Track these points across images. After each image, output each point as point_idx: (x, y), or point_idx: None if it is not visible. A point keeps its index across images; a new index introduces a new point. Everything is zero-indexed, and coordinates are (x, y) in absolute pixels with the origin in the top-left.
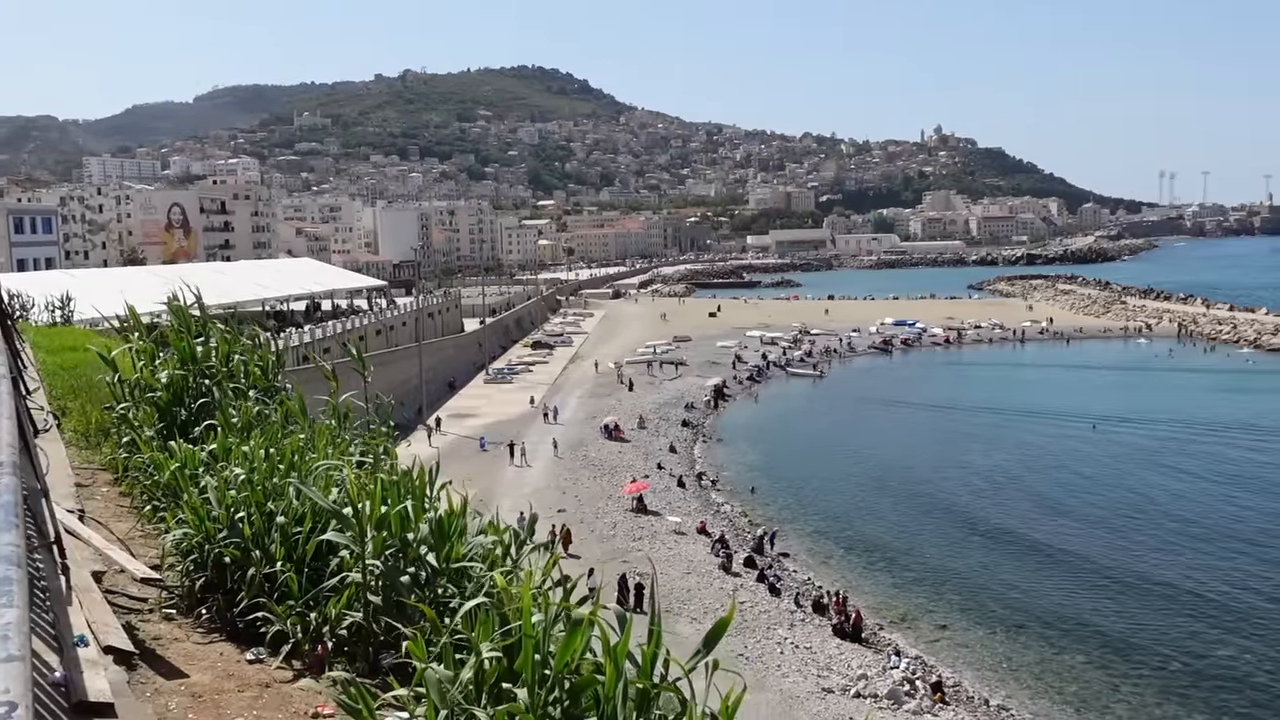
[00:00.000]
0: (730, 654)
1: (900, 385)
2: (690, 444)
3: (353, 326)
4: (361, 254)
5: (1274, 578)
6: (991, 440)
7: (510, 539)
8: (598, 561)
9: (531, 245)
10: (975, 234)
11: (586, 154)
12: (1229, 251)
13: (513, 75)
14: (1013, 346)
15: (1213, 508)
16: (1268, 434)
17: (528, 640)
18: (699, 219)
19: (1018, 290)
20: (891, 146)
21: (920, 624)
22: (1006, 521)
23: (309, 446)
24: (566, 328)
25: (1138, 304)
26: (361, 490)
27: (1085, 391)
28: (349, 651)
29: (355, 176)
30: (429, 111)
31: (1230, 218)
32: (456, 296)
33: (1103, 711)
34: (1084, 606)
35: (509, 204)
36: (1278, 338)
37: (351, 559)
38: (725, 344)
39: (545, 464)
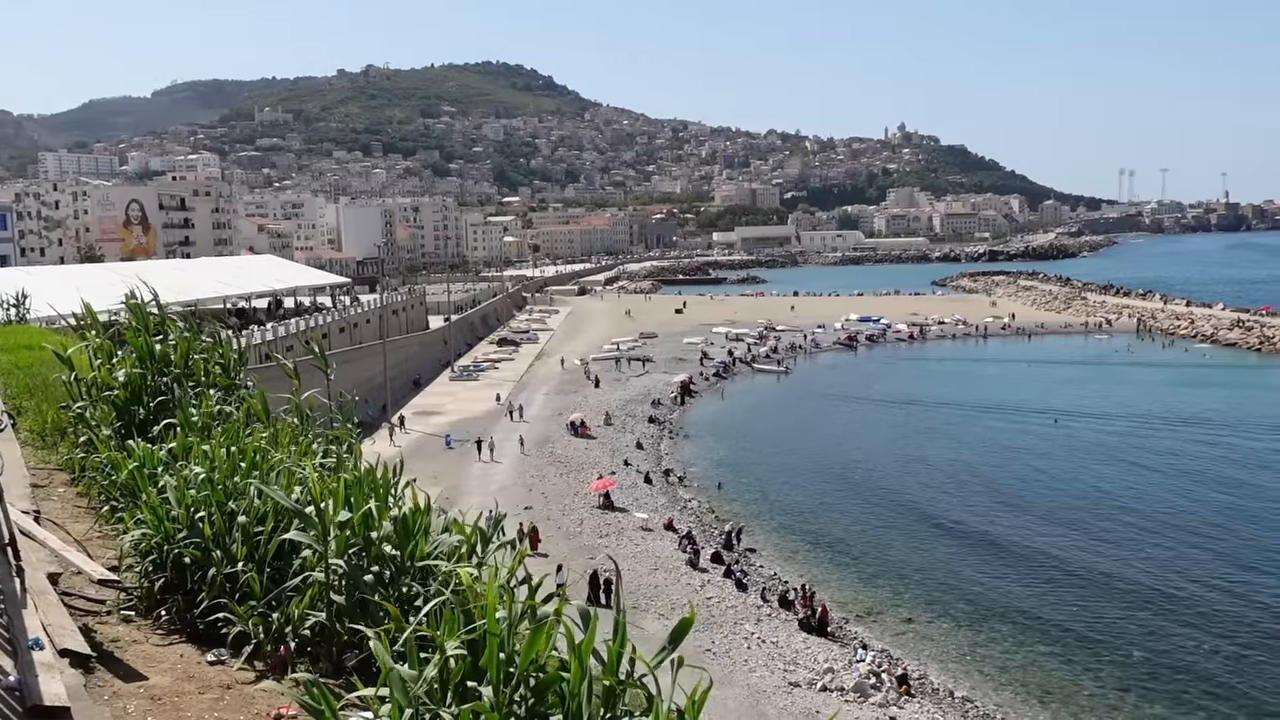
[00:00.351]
0: (697, 649)
1: (865, 381)
2: (657, 440)
3: (316, 324)
4: (325, 251)
5: (1228, 569)
6: (955, 435)
7: (475, 536)
8: (565, 558)
9: (497, 242)
10: (939, 231)
11: (552, 150)
12: (1186, 248)
13: (477, 71)
14: (975, 342)
15: (1170, 501)
16: (1222, 428)
17: (492, 638)
18: (665, 216)
19: (980, 287)
20: (856, 143)
21: (886, 617)
22: (970, 516)
23: (271, 445)
24: (532, 325)
25: (1098, 300)
26: (324, 489)
27: (1046, 386)
28: (312, 652)
29: (318, 173)
30: (392, 107)
31: (1188, 215)
32: (421, 294)
33: (1065, 701)
34: (1046, 599)
35: (474, 200)
36: (1233, 333)
37: (314, 558)
38: (691, 340)
39: (512, 461)
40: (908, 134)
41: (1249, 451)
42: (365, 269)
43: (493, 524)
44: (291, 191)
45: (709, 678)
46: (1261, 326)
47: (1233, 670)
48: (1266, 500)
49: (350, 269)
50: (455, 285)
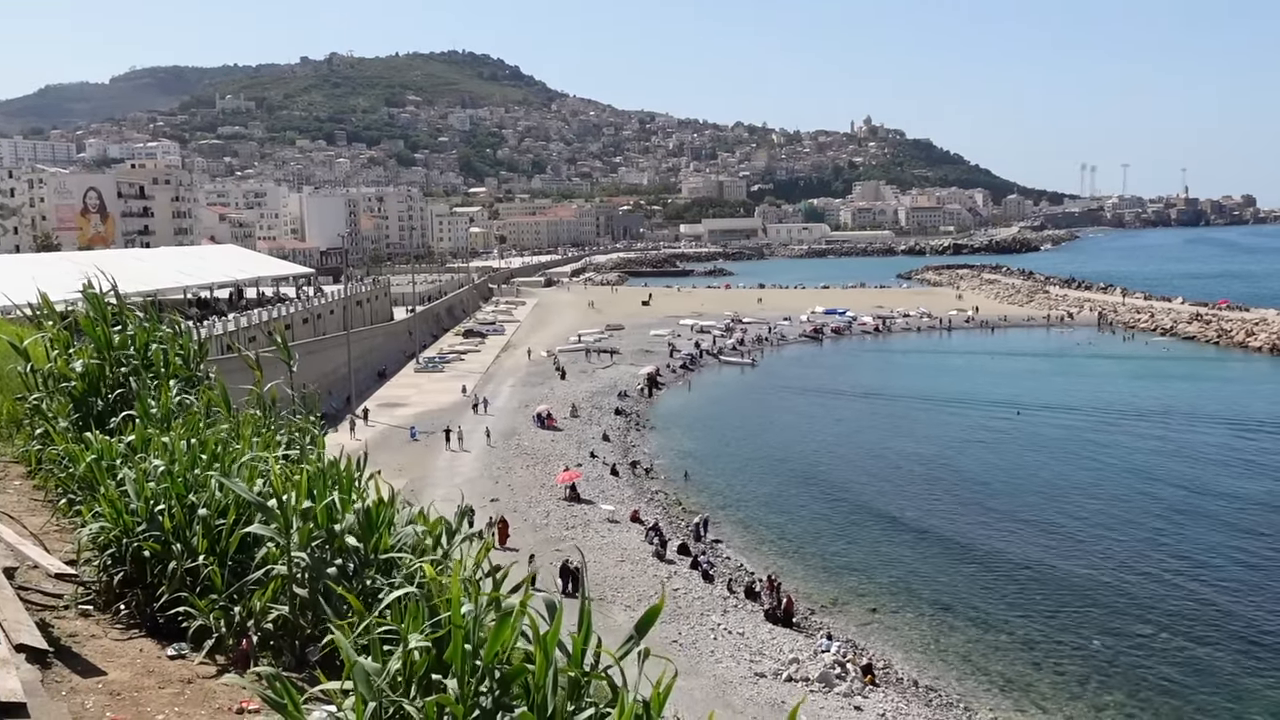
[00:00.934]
0: (664, 641)
1: (831, 373)
2: (623, 432)
3: (279, 315)
4: (288, 241)
5: (1183, 561)
6: (919, 427)
7: (441, 529)
8: (532, 550)
9: (463, 233)
10: (904, 224)
11: (518, 141)
12: (1147, 242)
13: (442, 60)
14: (940, 335)
15: (1129, 494)
16: (1179, 421)
17: (456, 631)
18: (632, 207)
19: (945, 280)
20: (822, 137)
21: (851, 608)
22: (934, 508)
23: (232, 437)
24: (499, 316)
25: (1060, 293)
26: (287, 481)
27: (1009, 379)
28: (275, 645)
29: (280, 161)
30: (356, 96)
31: (1148, 209)
32: (386, 284)
33: (1026, 689)
34: (1009, 590)
35: (439, 191)
36: (1192, 326)
37: (277, 551)
38: (658, 332)
39: (478, 453)
40: (874, 128)
41: (1205, 445)
42: (329, 259)
43: (459, 516)
44: (254, 180)
45: (674, 668)
46: (1219, 320)
47: (1187, 658)
48: (1221, 494)
49: (314, 259)
50: (421, 276)
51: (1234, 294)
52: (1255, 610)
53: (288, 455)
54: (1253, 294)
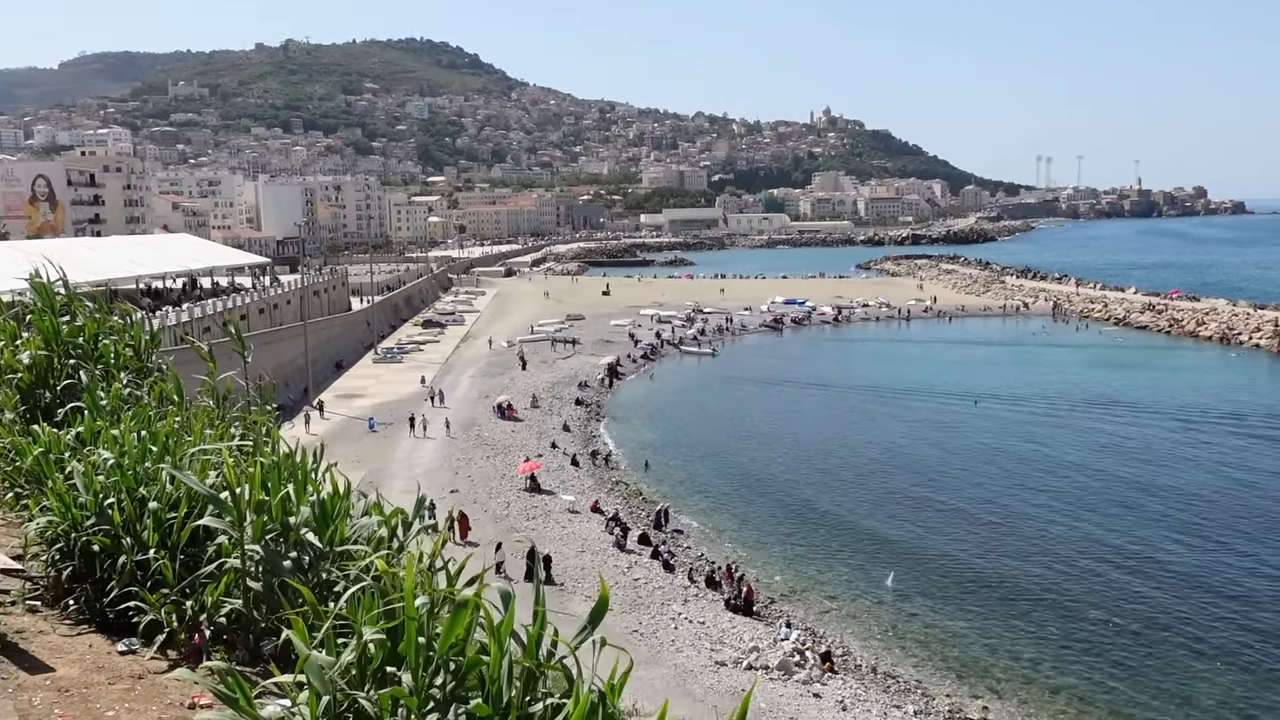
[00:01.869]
0: (625, 630)
1: (790, 363)
2: (584, 422)
3: (234, 305)
4: (243, 230)
5: (1137, 547)
6: (877, 416)
7: (397, 520)
8: (492, 541)
9: (421, 222)
10: (863, 214)
11: (478, 130)
12: (1101, 233)
13: (400, 47)
14: (898, 325)
15: (1082, 482)
16: (1130, 409)
17: (410, 623)
18: (592, 197)
19: (904, 270)
20: (782, 127)
21: (810, 596)
22: (892, 496)
23: (184, 429)
24: (458, 306)
25: (1016, 283)
26: (240, 473)
27: (967, 367)
28: (228, 639)
29: (235, 149)
30: (312, 83)
31: (1102, 200)
32: (343, 274)
33: (982, 674)
34: (964, 575)
35: (398, 180)
36: (1144, 316)
37: (230, 544)
38: (619, 322)
39: (437, 444)
40: (833, 118)
41: (1156, 435)
42: (285, 249)
43: (415, 508)
44: (208, 168)
45: (629, 658)
46: (1171, 310)
47: (1138, 643)
48: (1170, 483)
49: (270, 249)
50: (379, 266)
51: (1185, 284)
52: (1204, 595)
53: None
54: (1203, 284)
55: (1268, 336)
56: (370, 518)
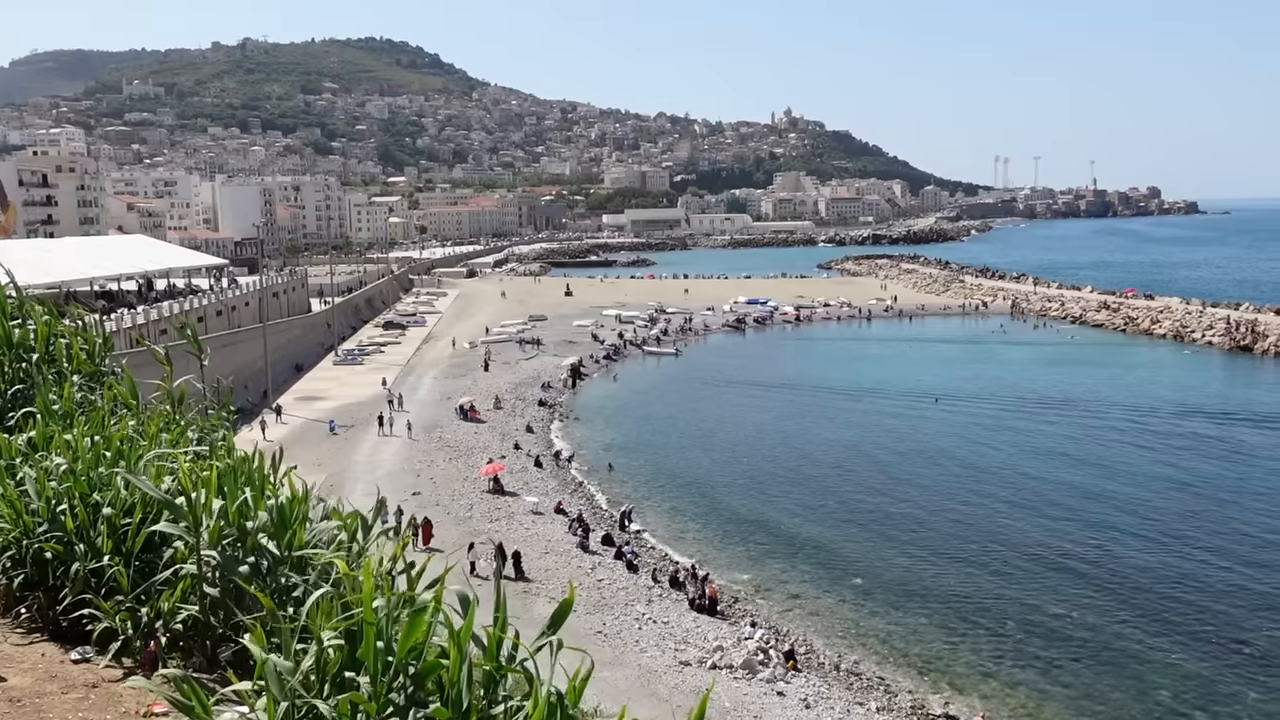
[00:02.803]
0: (589, 632)
1: (753, 362)
2: (547, 423)
3: (191, 307)
4: (200, 231)
5: (1094, 541)
6: (839, 415)
7: (356, 524)
8: (455, 545)
9: (382, 223)
10: (824, 214)
11: (439, 130)
12: (1058, 233)
13: (359, 47)
14: (859, 324)
15: (1040, 478)
16: (1088, 406)
17: (369, 627)
18: (554, 197)
19: (864, 270)
20: (743, 127)
21: (774, 594)
22: (854, 494)
23: (139, 434)
24: (419, 307)
25: (975, 282)
26: (196, 478)
27: (928, 366)
28: (184, 646)
29: (192, 149)
30: (271, 82)
31: (1059, 201)
32: (303, 275)
33: (944, 670)
34: (925, 572)
35: (358, 180)
36: (1100, 314)
37: (186, 550)
38: (581, 323)
39: (399, 446)
40: (794, 119)
41: (1113, 430)
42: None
43: (375, 510)
44: (164, 169)
45: (590, 660)
46: (1126, 308)
47: (1096, 636)
48: (1126, 478)
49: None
50: (339, 267)
51: (1140, 283)
52: (1158, 589)
53: (198, 451)
54: (1157, 282)
55: (1220, 334)
56: (330, 522)
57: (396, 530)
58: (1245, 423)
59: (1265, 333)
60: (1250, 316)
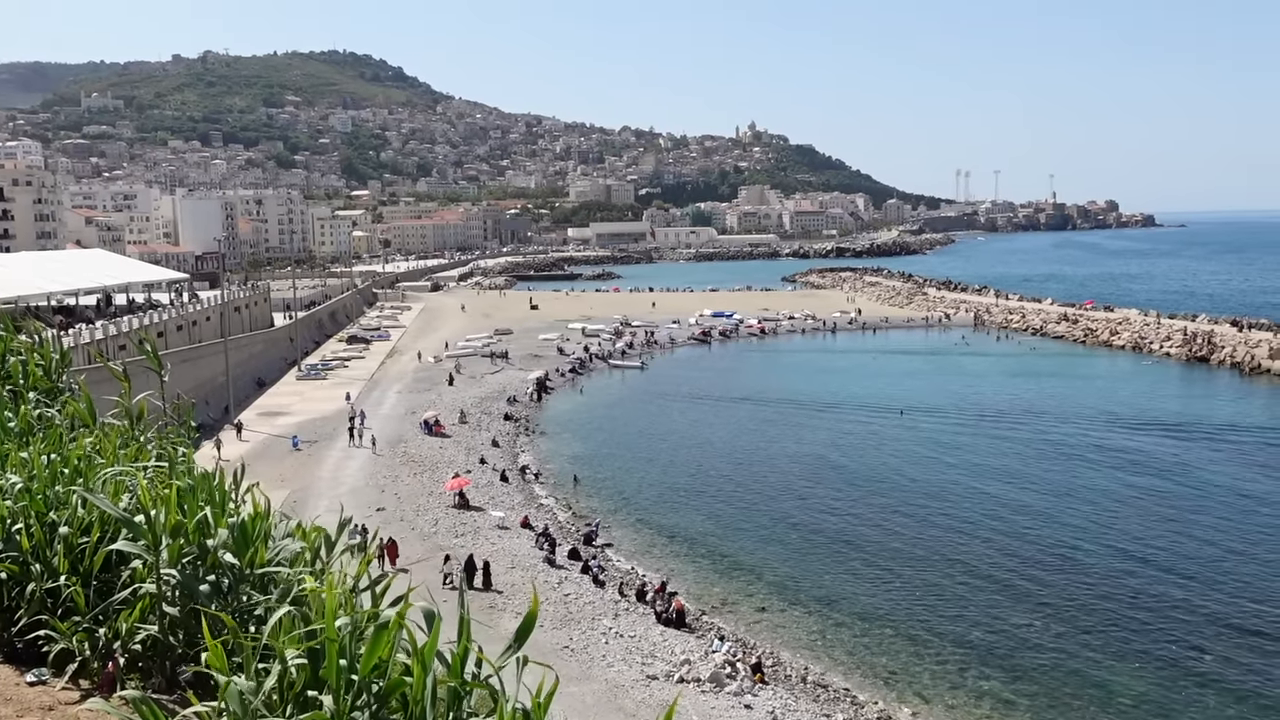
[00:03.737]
0: (556, 647)
1: (719, 375)
2: (513, 438)
3: (151, 322)
4: (160, 245)
5: (1056, 551)
6: (805, 428)
7: (319, 540)
8: (420, 560)
9: (345, 236)
10: (789, 228)
11: (402, 143)
12: (1018, 246)
13: (323, 60)
14: (824, 337)
15: (1002, 489)
16: (1049, 417)
17: (331, 645)
18: (519, 211)
19: (828, 283)
20: (708, 141)
21: (740, 607)
22: (820, 507)
23: (97, 451)
24: (383, 321)
25: (938, 295)
26: (155, 495)
27: (893, 378)
28: (143, 667)
29: (152, 163)
30: (232, 95)
31: (1019, 214)
32: (265, 290)
33: (910, 681)
34: (891, 584)
35: (321, 194)
36: (1061, 326)
37: (145, 569)
38: (547, 337)
39: (364, 462)
40: (758, 133)
41: (1073, 441)
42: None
43: (338, 528)
44: (123, 182)
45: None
46: (1086, 320)
47: (1059, 645)
48: (1086, 488)
49: (188, 264)
50: (302, 281)
51: (1099, 295)
52: (1121, 598)
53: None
54: (1116, 294)
55: (1177, 346)
56: (292, 539)
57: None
58: (1202, 435)
59: (1221, 344)
60: (1207, 328)
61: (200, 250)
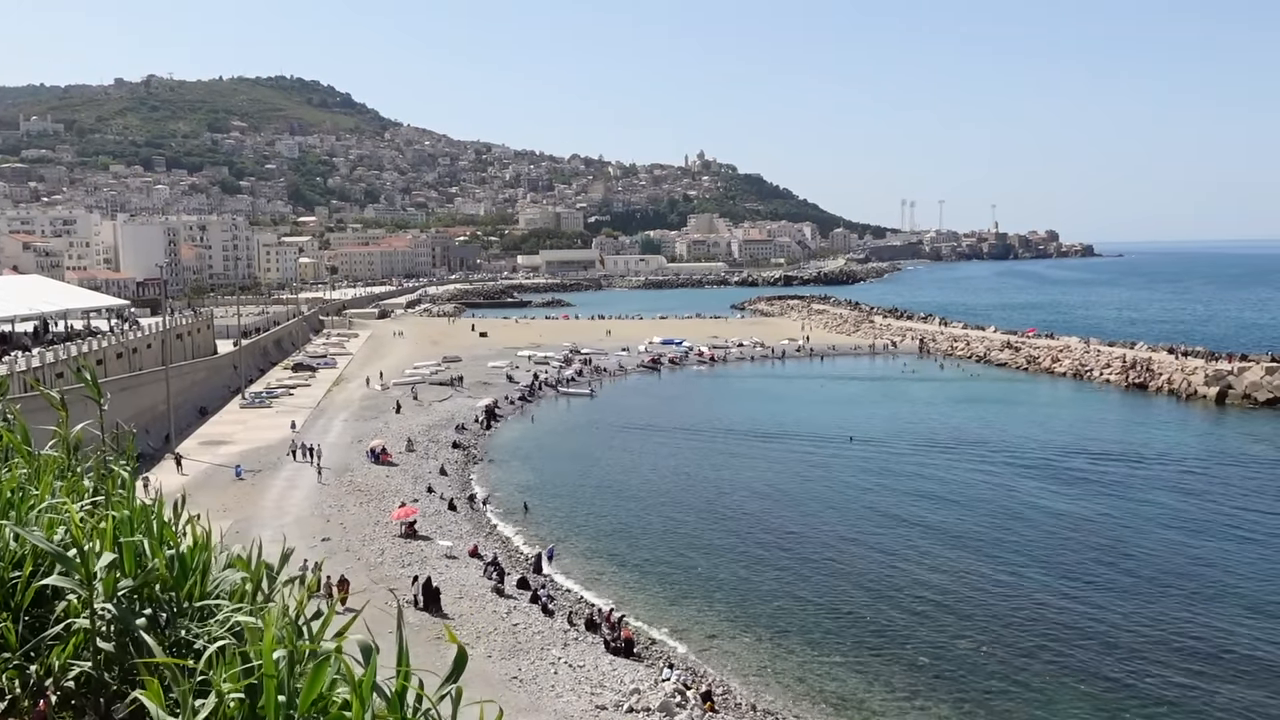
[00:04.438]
0: (505, 677)
1: (668, 403)
2: (462, 466)
3: (90, 349)
4: (100, 271)
5: (1001, 576)
6: (754, 455)
7: (261, 573)
8: (365, 591)
9: (292, 263)
10: (737, 256)
11: (350, 170)
12: (962, 274)
13: (269, 85)
14: (773, 364)
15: (948, 513)
16: (992, 442)
17: (269, 680)
18: (468, 238)
19: (776, 310)
20: (657, 170)
21: (690, 635)
22: (769, 533)
23: (31, 482)
24: (330, 349)
25: (884, 323)
26: (91, 528)
27: (841, 405)
28: (76, 704)
29: (93, 187)
30: (176, 120)
31: (963, 243)
32: (208, 316)
33: (859, 707)
34: (840, 610)
35: (267, 220)
36: (1004, 353)
37: (79, 603)
38: (496, 364)
39: (308, 491)
40: (707, 162)
41: (1016, 464)
42: (146, 290)
43: (281, 560)
44: (63, 207)
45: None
46: (1028, 347)
47: (1007, 668)
48: (1032, 512)
49: (129, 290)
50: (247, 308)
51: (1040, 323)
52: (1064, 620)
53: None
54: (1057, 322)
55: (1116, 373)
56: (233, 570)
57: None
58: (1141, 461)
59: (1159, 371)
60: (1145, 355)
61: (142, 276)
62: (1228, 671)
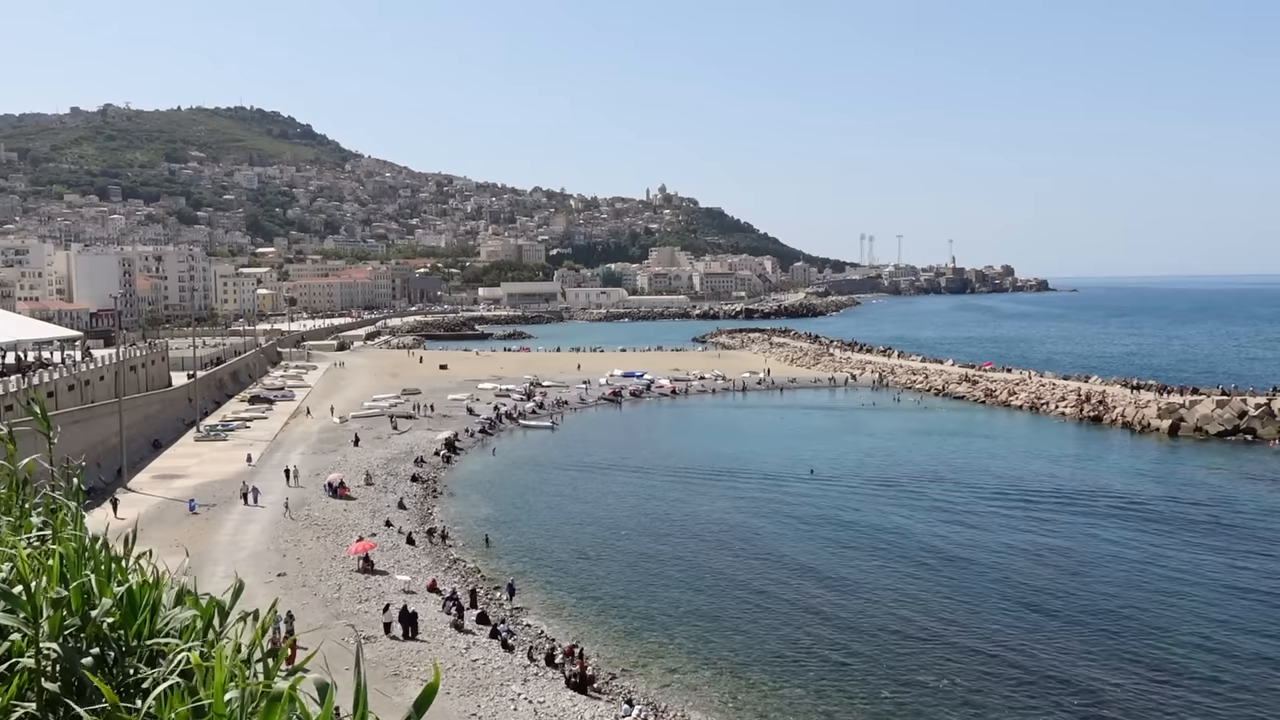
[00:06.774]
0: (463, 715)
1: (630, 435)
2: (421, 499)
3: (40, 381)
4: (53, 302)
5: (962, 607)
6: (715, 487)
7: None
8: (321, 626)
9: (249, 294)
10: (699, 289)
11: (310, 201)
12: (920, 308)
13: (228, 116)
14: (734, 396)
15: (908, 546)
16: (951, 477)
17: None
18: (429, 270)
19: (737, 343)
20: (619, 203)
21: (651, 669)
22: (730, 566)
23: None
24: (288, 381)
25: (844, 356)
26: (37, 564)
27: (801, 438)
28: None
29: (46, 217)
30: (133, 150)
31: (921, 278)
32: (163, 348)
33: None
34: (801, 643)
35: (224, 250)
36: (961, 386)
37: (23, 642)
38: (456, 396)
39: (264, 526)
40: (668, 195)
41: (976, 495)
42: (100, 321)
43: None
44: (15, 236)
45: None
46: (985, 381)
47: (964, 701)
48: (992, 544)
49: (83, 321)
50: (204, 339)
51: (997, 356)
52: (1024, 653)
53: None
54: (1013, 356)
55: (1071, 406)
56: (184, 608)
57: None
58: (1097, 493)
59: (1113, 404)
60: (1099, 389)
61: (96, 307)
62: (1185, 702)
